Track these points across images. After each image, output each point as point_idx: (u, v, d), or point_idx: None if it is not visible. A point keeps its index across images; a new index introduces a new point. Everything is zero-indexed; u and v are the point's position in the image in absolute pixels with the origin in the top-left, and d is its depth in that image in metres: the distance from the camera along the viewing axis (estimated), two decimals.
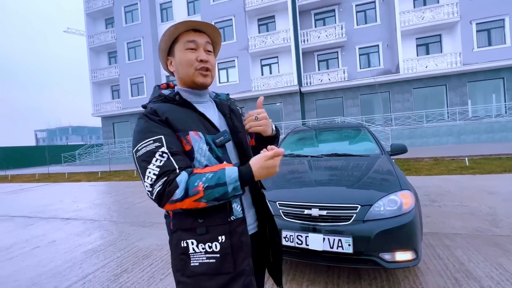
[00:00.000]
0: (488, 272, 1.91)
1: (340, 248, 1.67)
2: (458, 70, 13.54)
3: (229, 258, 0.72)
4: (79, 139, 73.62)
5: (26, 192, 7.82)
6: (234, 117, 0.89)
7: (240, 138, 0.86)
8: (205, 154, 0.75)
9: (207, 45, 0.83)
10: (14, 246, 3.20)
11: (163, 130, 0.73)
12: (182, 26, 0.78)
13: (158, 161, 0.68)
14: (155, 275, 2.23)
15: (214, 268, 0.72)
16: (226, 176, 0.67)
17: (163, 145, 0.70)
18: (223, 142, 0.77)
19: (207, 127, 0.79)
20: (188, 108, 0.80)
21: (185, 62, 0.81)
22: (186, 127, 0.75)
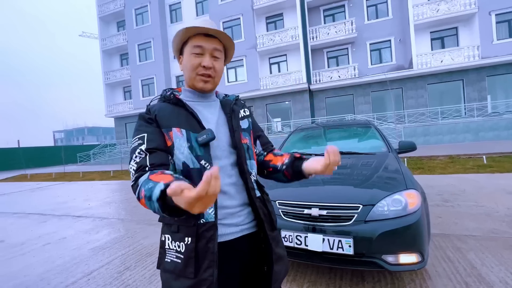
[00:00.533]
0: (503, 277, 1.79)
1: (340, 249, 1.61)
2: (476, 64, 12.92)
3: (191, 262, 0.69)
4: (94, 139, 76.10)
5: (43, 191, 8.14)
6: (233, 117, 0.88)
7: (236, 140, 0.84)
8: (183, 152, 0.75)
9: (214, 51, 0.82)
10: (27, 242, 3.33)
11: (148, 128, 0.77)
12: (192, 30, 0.79)
13: (137, 157, 0.73)
14: (157, 273, 2.24)
15: (179, 269, 0.71)
16: (153, 195, 0.57)
17: (144, 143, 0.74)
18: (205, 140, 0.75)
19: (193, 125, 0.78)
20: (180, 106, 0.81)
21: (189, 66, 0.82)
22: (170, 124, 0.77)
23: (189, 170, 0.75)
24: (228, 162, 0.81)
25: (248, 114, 0.97)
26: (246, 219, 0.81)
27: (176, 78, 18.86)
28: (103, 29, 20.76)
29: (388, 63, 14.94)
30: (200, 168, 0.75)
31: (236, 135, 0.85)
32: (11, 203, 6.34)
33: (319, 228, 1.70)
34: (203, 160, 0.75)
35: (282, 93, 15.71)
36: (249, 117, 0.97)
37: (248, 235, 0.81)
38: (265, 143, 1.03)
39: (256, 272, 0.84)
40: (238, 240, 0.78)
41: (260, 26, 16.45)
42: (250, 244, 0.81)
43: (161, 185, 0.56)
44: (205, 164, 0.76)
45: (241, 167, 0.82)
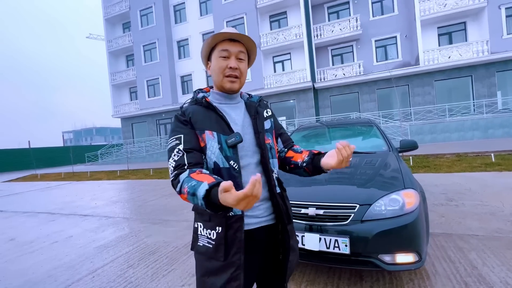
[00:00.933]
0: (504, 277, 1.77)
1: (337, 249, 1.62)
2: (485, 59, 12.60)
3: (221, 248, 0.80)
4: (102, 139, 77.37)
5: (52, 190, 8.35)
6: (258, 120, 0.96)
7: (261, 140, 0.93)
8: (215, 152, 0.85)
9: (239, 54, 0.92)
10: (36, 241, 3.44)
11: (184, 130, 0.87)
12: (219, 36, 0.88)
13: (175, 156, 0.83)
14: (159, 271, 2.30)
15: (210, 252, 0.83)
16: (198, 193, 0.68)
17: (181, 143, 0.84)
18: (234, 143, 0.85)
19: (223, 128, 0.88)
20: (210, 110, 0.91)
21: (217, 69, 0.92)
22: (203, 127, 0.87)
23: (220, 169, 0.85)
24: (252, 160, 0.90)
25: (270, 114, 1.05)
26: (265, 212, 0.91)
27: (181, 78, 19.01)
28: (109, 31, 21.07)
29: (394, 60, 14.72)
30: (229, 168, 0.85)
31: (260, 136, 0.93)
32: (22, 202, 6.54)
33: (316, 228, 1.71)
34: (232, 161, 0.85)
35: (287, 91, 15.67)
36: (271, 117, 1.05)
37: (266, 227, 0.91)
38: (286, 140, 1.11)
39: (272, 260, 0.96)
40: (257, 230, 0.88)
41: (263, 25, 16.41)
42: (267, 234, 0.91)
43: (206, 185, 0.67)
44: (234, 164, 0.85)
45: (265, 166, 0.91)
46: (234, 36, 0.89)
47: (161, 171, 10.54)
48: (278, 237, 0.94)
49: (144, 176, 9.83)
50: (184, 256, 2.57)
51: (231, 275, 0.79)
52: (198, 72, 18.28)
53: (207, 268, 0.83)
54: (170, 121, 19.12)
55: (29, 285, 2.24)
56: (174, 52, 18.98)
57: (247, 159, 0.89)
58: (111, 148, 22.26)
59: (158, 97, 18.91)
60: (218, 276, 0.81)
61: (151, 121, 19.72)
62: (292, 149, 1.07)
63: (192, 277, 2.15)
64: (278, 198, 0.91)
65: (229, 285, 0.79)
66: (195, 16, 18.26)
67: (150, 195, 5.94)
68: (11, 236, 3.71)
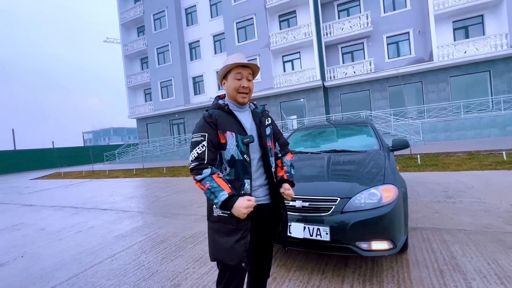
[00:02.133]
0: (478, 266, 1.91)
1: (319, 236, 1.83)
2: (505, 53, 12.08)
3: (235, 216, 1.10)
4: (119, 139, 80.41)
5: (74, 187, 9.01)
6: (261, 126, 1.30)
7: (263, 142, 1.27)
8: (233, 147, 1.18)
9: (248, 76, 1.26)
10: (63, 230, 3.87)
11: (209, 130, 1.17)
12: (235, 64, 1.21)
13: (199, 149, 1.14)
14: (168, 257, 2.60)
15: (225, 219, 1.14)
16: (219, 195, 1.06)
17: (205, 140, 1.15)
18: (247, 142, 1.19)
19: (240, 130, 1.21)
20: (231, 115, 1.23)
21: (232, 87, 1.25)
22: (226, 128, 1.19)
23: (235, 160, 1.17)
24: (256, 156, 1.25)
25: (270, 122, 1.38)
26: (261, 194, 1.25)
27: (193, 79, 19.53)
28: (124, 35, 21.98)
29: (406, 57, 14.42)
30: (243, 160, 1.18)
31: (263, 140, 1.27)
32: (49, 197, 7.16)
33: (301, 218, 1.93)
34: (245, 155, 1.19)
35: (296, 90, 15.74)
36: (270, 124, 1.38)
37: (264, 205, 1.25)
38: (282, 143, 1.46)
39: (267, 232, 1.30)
40: (258, 206, 1.20)
41: (273, 25, 16.56)
42: (264, 211, 1.25)
43: (226, 194, 1.06)
44: (246, 157, 1.18)
45: (265, 161, 1.27)
46: (245, 64, 1.22)
47: (173, 170, 11.01)
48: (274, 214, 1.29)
49: (158, 174, 10.34)
50: (191, 245, 2.86)
51: (241, 235, 1.11)
52: (209, 73, 18.73)
53: (221, 231, 1.14)
54: (183, 121, 19.74)
55: (59, 266, 2.62)
56: (186, 54, 19.53)
57: (254, 154, 1.23)
58: (127, 148, 23.26)
59: (171, 98, 19.55)
60: (230, 236, 1.11)
61: (165, 121, 20.42)
62: (282, 160, 1.43)
63: (196, 262, 2.43)
64: (276, 185, 1.29)
65: (239, 242, 1.10)
66: (206, 18, 18.69)
67: (163, 192, 6.34)
68: (41, 226, 4.18)
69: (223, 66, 1.23)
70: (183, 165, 12.08)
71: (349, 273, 1.99)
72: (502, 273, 1.79)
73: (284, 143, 1.47)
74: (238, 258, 1.09)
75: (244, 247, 1.10)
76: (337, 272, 2.01)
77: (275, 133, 1.43)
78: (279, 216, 1.30)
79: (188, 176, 8.92)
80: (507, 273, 1.79)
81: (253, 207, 1.08)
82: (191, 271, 2.26)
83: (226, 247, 1.11)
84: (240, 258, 1.10)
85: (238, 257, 1.09)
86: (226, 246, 1.11)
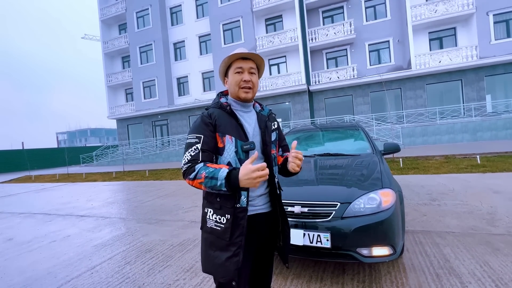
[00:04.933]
0: (472, 269, 1.94)
1: (319, 243, 1.77)
2: (474, 64, 13.00)
3: (228, 231, 1.00)
4: (97, 140, 76.64)
5: (47, 192, 8.36)
6: (267, 132, 1.16)
7: (267, 150, 1.13)
8: (230, 154, 1.05)
9: (250, 69, 1.11)
10: (34, 240, 3.52)
11: (205, 132, 1.04)
12: (234, 56, 1.08)
13: (192, 151, 1.01)
14: (155, 267, 2.42)
15: (218, 233, 1.02)
16: (219, 174, 0.92)
17: (200, 142, 1.02)
18: (247, 149, 1.05)
19: (241, 134, 1.07)
20: (232, 117, 1.09)
21: (233, 82, 1.11)
22: (225, 131, 1.05)
23: None
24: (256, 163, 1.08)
25: (276, 127, 1.25)
26: (260, 202, 1.12)
27: (177, 80, 19.08)
28: (105, 32, 21.05)
29: (387, 64, 15.05)
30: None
31: (268, 148, 1.13)
32: (18, 203, 6.56)
33: (300, 224, 1.86)
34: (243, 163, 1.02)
35: (282, 94, 15.87)
36: (277, 129, 1.25)
37: (262, 213, 1.12)
38: (285, 150, 1.35)
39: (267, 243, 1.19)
40: (258, 216, 1.10)
41: (259, 28, 16.63)
42: (264, 220, 1.13)
43: (226, 170, 0.92)
44: None
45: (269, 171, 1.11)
46: (245, 55, 1.09)
47: (156, 173, 10.60)
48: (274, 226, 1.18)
49: (140, 177, 9.89)
50: (179, 254, 2.69)
51: (233, 252, 0.99)
52: (194, 74, 18.40)
53: (214, 244, 1.03)
54: (166, 122, 19.18)
55: (30, 282, 2.35)
56: (171, 54, 19.07)
57: (254, 163, 1.07)
58: (106, 150, 22.16)
59: (154, 98, 18.95)
60: (223, 252, 1.01)
61: (147, 123, 19.73)
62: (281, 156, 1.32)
63: (186, 272, 2.28)
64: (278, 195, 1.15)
65: (231, 259, 0.99)
66: (191, 18, 18.39)
67: (146, 196, 6.03)
68: (9, 236, 3.78)
69: (222, 61, 1.11)
70: (166, 168, 11.67)
71: (348, 279, 1.94)
72: (495, 276, 1.83)
73: (286, 150, 1.35)
74: (228, 276, 1.00)
75: (236, 265, 0.99)
76: (335, 279, 1.96)
77: (281, 139, 1.31)
78: (280, 230, 1.18)
79: (173, 179, 8.61)
80: (500, 275, 1.83)
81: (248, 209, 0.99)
82: (182, 282, 2.11)
83: (217, 263, 1.01)
84: (231, 276, 1.00)
85: (228, 275, 1.00)
86: (217, 261, 1.02)
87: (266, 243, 1.19)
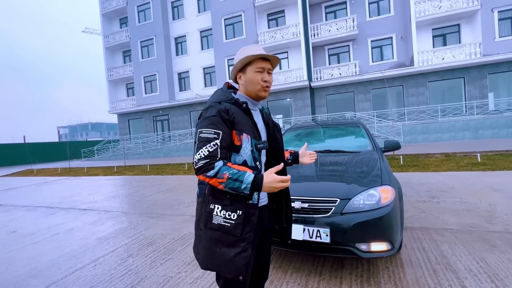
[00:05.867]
0: (468, 265, 1.97)
1: (319, 238, 1.80)
2: (477, 61, 12.89)
3: (239, 227, 1.01)
4: (98, 135, 76.79)
5: (49, 185, 8.44)
6: (276, 130, 1.23)
7: (279, 147, 1.21)
8: (247, 152, 1.07)
9: (269, 69, 1.14)
10: (38, 233, 3.57)
11: (224, 128, 1.02)
12: (257, 55, 1.09)
13: (210, 147, 0.98)
14: (157, 260, 2.46)
15: (227, 229, 1.01)
16: (244, 177, 0.94)
17: (218, 139, 1.00)
18: (261, 148, 1.09)
19: (255, 134, 1.10)
20: (248, 115, 1.10)
21: (255, 81, 1.11)
22: (243, 130, 1.06)
23: (247, 167, 1.05)
24: (263, 159, 1.16)
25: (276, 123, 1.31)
26: (262, 195, 1.17)
27: (178, 75, 19.02)
28: (106, 26, 20.93)
29: (389, 61, 14.95)
30: (254, 167, 1.07)
31: (280, 146, 1.21)
32: (21, 196, 6.64)
33: (301, 219, 1.89)
34: (257, 162, 1.09)
35: (283, 90, 15.82)
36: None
37: (264, 206, 1.19)
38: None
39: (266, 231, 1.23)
40: (262, 208, 1.16)
41: (261, 23, 16.49)
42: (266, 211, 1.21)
43: (252, 174, 0.95)
44: (258, 165, 1.08)
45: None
46: (267, 57, 1.11)
47: (157, 167, 10.66)
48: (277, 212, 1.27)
49: (141, 172, 9.95)
50: (181, 247, 2.74)
51: (243, 248, 1.00)
52: (196, 69, 18.32)
53: (220, 240, 1.02)
54: (167, 117, 19.18)
55: (35, 273, 2.40)
56: (172, 49, 18.97)
57: (262, 159, 1.16)
58: (107, 144, 22.23)
59: (155, 93, 18.92)
60: (231, 248, 1.01)
61: (148, 118, 19.74)
62: None
63: (188, 265, 2.33)
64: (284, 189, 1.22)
65: (240, 255, 1.00)
66: (193, 13, 18.24)
67: (147, 191, 6.09)
68: (13, 229, 3.84)
69: (242, 58, 1.09)
70: (167, 163, 11.73)
71: (346, 274, 1.98)
72: (491, 272, 1.86)
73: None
74: (237, 271, 1.00)
75: (245, 260, 1.00)
76: (334, 274, 2.00)
77: None
78: (284, 215, 1.26)
79: (174, 174, 8.66)
80: (496, 271, 1.86)
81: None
82: (183, 275, 2.15)
83: (224, 259, 1.01)
84: (239, 272, 1.00)
85: (236, 270, 1.00)
86: (224, 258, 1.01)
87: (265, 234, 1.23)
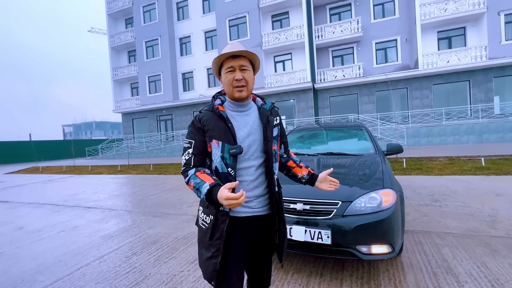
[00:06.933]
0: (469, 269, 1.98)
1: (320, 240, 1.83)
2: (483, 64, 12.79)
3: (209, 231, 1.03)
4: (102, 133, 77.46)
5: (54, 183, 8.56)
6: (268, 127, 1.10)
7: (268, 147, 1.08)
8: (217, 159, 1.05)
9: (242, 66, 1.06)
10: (44, 229, 3.65)
11: (196, 136, 1.07)
12: (222, 56, 1.05)
13: (186, 155, 1.07)
14: (161, 258, 2.51)
15: (203, 231, 1.08)
16: (201, 189, 0.95)
17: (191, 147, 1.07)
18: (234, 154, 1.01)
19: (229, 138, 1.03)
20: (221, 120, 1.05)
21: (226, 82, 1.08)
22: (212, 136, 1.04)
23: (219, 173, 1.05)
24: (255, 163, 1.07)
25: (278, 122, 1.19)
26: (258, 205, 1.09)
27: (182, 75, 19.15)
28: (111, 26, 21.15)
29: (393, 63, 14.89)
30: (227, 173, 1.03)
31: (268, 144, 1.08)
32: (26, 194, 6.75)
33: (302, 221, 1.92)
34: (230, 168, 1.03)
35: (287, 91, 15.84)
36: (279, 125, 1.20)
37: (258, 216, 1.09)
38: (286, 147, 1.34)
39: (263, 243, 1.15)
40: (250, 218, 1.08)
41: (265, 25, 16.54)
42: (260, 222, 1.10)
43: (207, 186, 0.94)
44: (231, 171, 1.02)
45: (268, 169, 1.09)
46: (234, 53, 1.04)
47: (161, 167, 10.74)
48: (271, 225, 1.13)
49: (145, 171, 10.04)
50: (183, 246, 2.78)
51: (213, 253, 1.01)
52: (200, 69, 18.43)
53: (201, 241, 1.09)
54: (171, 117, 19.31)
55: (42, 269, 2.46)
56: (176, 49, 19.11)
57: (250, 162, 1.05)
58: (111, 143, 22.44)
59: (159, 93, 19.07)
60: (206, 250, 1.05)
61: (152, 117, 19.89)
62: (292, 159, 1.34)
63: (190, 264, 2.37)
64: (276, 195, 1.11)
65: (210, 260, 1.02)
66: (197, 13, 18.37)
67: (151, 190, 6.15)
68: (19, 225, 3.92)
69: (212, 62, 1.08)
70: (170, 163, 11.81)
71: (347, 276, 2.01)
72: (492, 276, 1.87)
73: (287, 147, 1.34)
74: (207, 275, 1.03)
75: (214, 267, 1.00)
76: (335, 275, 2.02)
77: (283, 135, 1.26)
78: (277, 228, 1.13)
79: (177, 174, 8.74)
80: (496, 276, 1.87)
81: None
82: (187, 273, 2.20)
83: (201, 260, 1.07)
84: (209, 276, 1.02)
85: (207, 273, 1.02)
86: (201, 259, 1.07)
87: (264, 243, 1.16)
